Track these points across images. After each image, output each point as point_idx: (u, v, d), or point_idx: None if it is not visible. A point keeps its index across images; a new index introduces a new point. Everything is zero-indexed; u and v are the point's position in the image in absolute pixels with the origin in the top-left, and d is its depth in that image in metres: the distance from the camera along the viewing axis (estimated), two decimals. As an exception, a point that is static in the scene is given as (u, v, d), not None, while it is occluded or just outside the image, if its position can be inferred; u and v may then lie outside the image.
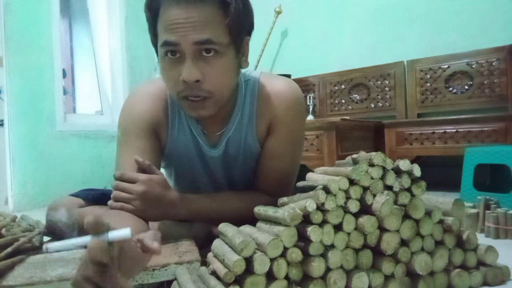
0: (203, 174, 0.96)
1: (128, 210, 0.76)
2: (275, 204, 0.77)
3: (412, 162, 0.74)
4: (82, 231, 0.93)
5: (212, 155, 0.91)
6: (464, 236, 0.76)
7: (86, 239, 0.43)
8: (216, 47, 0.73)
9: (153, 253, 0.49)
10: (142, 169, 0.80)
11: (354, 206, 0.68)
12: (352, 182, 0.68)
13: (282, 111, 0.88)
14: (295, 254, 0.65)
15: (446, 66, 2.47)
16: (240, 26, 0.77)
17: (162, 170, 0.97)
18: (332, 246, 0.67)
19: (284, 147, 0.90)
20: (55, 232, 0.98)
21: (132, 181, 0.78)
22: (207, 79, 0.75)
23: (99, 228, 0.43)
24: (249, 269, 0.62)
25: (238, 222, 0.80)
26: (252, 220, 0.77)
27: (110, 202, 0.78)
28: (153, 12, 0.76)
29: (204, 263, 0.71)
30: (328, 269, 0.66)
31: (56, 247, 0.44)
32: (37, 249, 0.86)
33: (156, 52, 0.80)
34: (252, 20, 0.83)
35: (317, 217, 0.66)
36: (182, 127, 0.90)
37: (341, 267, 0.67)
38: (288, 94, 0.89)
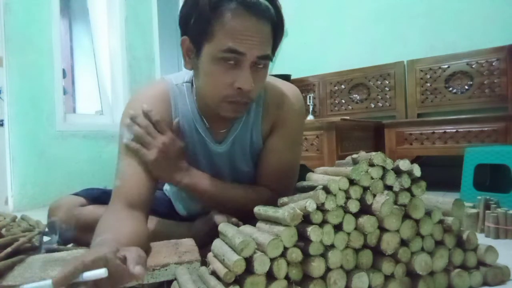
0: (208, 172, 0.97)
1: (142, 155, 0.82)
2: (275, 199, 0.77)
3: (412, 162, 0.74)
4: (82, 231, 0.94)
5: (218, 150, 0.94)
6: (464, 236, 0.76)
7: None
8: (268, 62, 0.81)
9: (136, 278, 0.50)
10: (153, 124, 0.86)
11: (354, 206, 0.68)
12: (352, 182, 0.68)
13: (286, 112, 0.94)
14: (295, 254, 0.65)
15: (446, 66, 2.47)
16: (279, 43, 0.85)
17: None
18: (332, 246, 0.67)
19: (285, 144, 0.94)
20: (55, 231, 0.98)
21: (160, 129, 0.85)
22: (254, 88, 0.80)
23: (67, 281, 0.45)
24: (249, 269, 0.62)
25: (237, 209, 0.86)
26: (252, 210, 0.78)
27: (127, 141, 0.83)
28: (214, 9, 0.75)
29: (204, 263, 0.71)
30: (328, 269, 0.66)
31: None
32: (37, 249, 0.86)
33: (195, 46, 0.80)
34: None
35: (317, 217, 0.66)
36: (187, 126, 0.92)
37: (341, 267, 0.67)
38: (292, 97, 0.95)
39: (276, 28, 0.80)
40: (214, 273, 0.66)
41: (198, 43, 0.79)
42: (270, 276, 0.64)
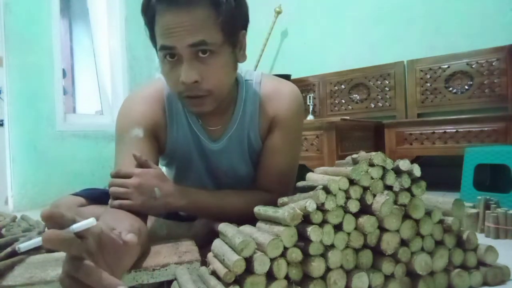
0: (204, 171, 0.97)
1: (127, 205, 0.76)
2: (275, 202, 0.77)
3: (412, 162, 0.74)
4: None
5: (213, 148, 0.93)
6: (464, 236, 0.76)
7: None
8: (211, 48, 0.76)
9: (128, 245, 0.49)
10: (139, 165, 0.82)
11: (354, 206, 0.68)
12: (352, 182, 0.68)
13: (284, 111, 0.91)
14: (295, 254, 0.65)
15: (446, 66, 2.47)
16: (233, 23, 0.79)
17: (163, 169, 0.97)
18: (332, 246, 0.67)
19: (284, 144, 0.93)
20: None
21: (128, 176, 0.79)
22: (205, 79, 0.77)
23: (55, 220, 0.42)
24: (249, 269, 0.62)
25: (238, 218, 0.82)
26: (252, 217, 0.78)
27: (110, 202, 0.78)
28: (149, 18, 0.79)
29: (204, 263, 0.71)
30: (328, 269, 0.66)
31: (27, 246, 0.44)
32: (37, 249, 0.85)
33: (157, 53, 0.82)
34: (247, 14, 0.84)
35: (317, 217, 0.66)
36: (182, 125, 0.92)
37: (341, 267, 0.67)
38: (290, 95, 0.93)
39: (215, 7, 0.75)
40: (214, 273, 0.66)
41: (156, 49, 0.82)
42: (270, 276, 0.64)
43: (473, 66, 2.36)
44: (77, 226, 0.43)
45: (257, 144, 0.95)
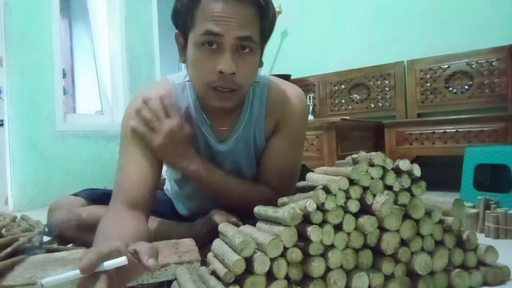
0: None
1: (148, 138, 0.82)
2: (275, 199, 0.77)
3: (412, 162, 0.74)
4: (81, 231, 0.94)
5: (220, 149, 0.94)
6: (464, 236, 0.76)
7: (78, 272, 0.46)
8: (252, 45, 0.78)
9: (149, 270, 0.50)
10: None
11: (354, 206, 0.68)
12: (352, 182, 0.68)
13: (290, 113, 0.93)
14: (295, 254, 0.65)
15: (446, 66, 2.47)
16: (269, 30, 0.84)
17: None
18: (332, 246, 0.67)
19: (288, 146, 0.94)
20: (55, 232, 0.98)
21: (170, 114, 0.83)
22: (239, 73, 0.78)
23: (93, 268, 0.46)
24: (249, 269, 0.62)
25: (238, 201, 0.88)
26: (252, 203, 0.79)
27: (134, 123, 0.83)
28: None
29: (204, 263, 0.71)
30: (328, 269, 0.66)
31: (51, 282, 0.45)
32: (37, 249, 0.86)
33: (183, 38, 0.83)
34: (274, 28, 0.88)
35: (317, 217, 0.66)
36: (189, 124, 0.91)
37: (341, 267, 0.67)
38: (296, 98, 0.95)
39: (261, 10, 0.79)
40: (214, 273, 0.66)
41: (185, 34, 0.81)
42: (270, 276, 0.64)
43: (473, 66, 2.37)
44: (109, 264, 0.46)
45: (262, 146, 0.95)
